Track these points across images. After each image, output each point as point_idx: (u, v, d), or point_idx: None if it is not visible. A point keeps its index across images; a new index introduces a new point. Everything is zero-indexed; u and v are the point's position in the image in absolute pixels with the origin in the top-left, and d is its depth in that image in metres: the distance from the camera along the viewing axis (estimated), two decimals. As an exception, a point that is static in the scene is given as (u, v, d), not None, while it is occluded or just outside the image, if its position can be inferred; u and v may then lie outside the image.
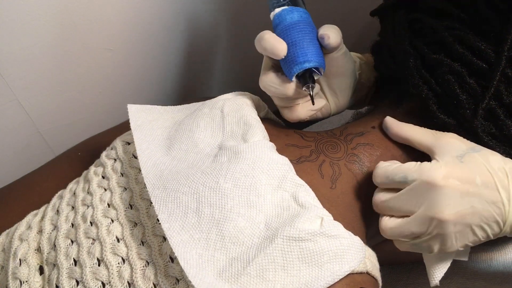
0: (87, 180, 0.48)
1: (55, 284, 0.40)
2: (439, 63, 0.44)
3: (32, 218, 0.47)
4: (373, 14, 0.54)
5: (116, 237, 0.41)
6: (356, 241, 0.39)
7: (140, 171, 0.44)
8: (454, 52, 0.43)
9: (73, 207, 0.46)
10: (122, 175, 0.46)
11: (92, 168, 0.49)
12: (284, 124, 0.52)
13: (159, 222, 0.39)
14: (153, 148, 0.45)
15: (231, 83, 0.83)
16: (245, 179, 0.40)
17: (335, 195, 0.43)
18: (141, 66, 0.70)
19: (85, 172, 0.50)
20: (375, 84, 0.56)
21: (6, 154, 0.67)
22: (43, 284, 0.41)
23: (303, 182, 0.41)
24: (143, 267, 0.39)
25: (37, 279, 0.42)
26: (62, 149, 0.61)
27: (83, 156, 0.56)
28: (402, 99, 0.49)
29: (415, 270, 0.46)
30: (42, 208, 0.48)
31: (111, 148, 0.50)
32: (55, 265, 0.41)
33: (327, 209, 0.40)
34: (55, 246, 0.42)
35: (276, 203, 0.40)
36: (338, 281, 0.37)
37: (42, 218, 0.46)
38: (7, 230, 0.48)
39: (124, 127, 0.52)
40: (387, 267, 0.46)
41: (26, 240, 0.44)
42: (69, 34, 0.59)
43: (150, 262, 0.39)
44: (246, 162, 0.41)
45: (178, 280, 0.38)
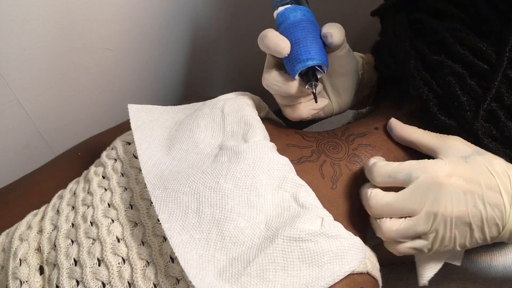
0: (88, 180, 0.48)
1: (55, 284, 0.40)
2: (440, 64, 0.43)
3: (32, 218, 0.47)
4: (373, 14, 0.54)
5: (117, 237, 0.41)
6: (357, 241, 0.39)
7: (141, 171, 0.44)
8: (455, 53, 0.43)
9: (73, 207, 0.46)
10: (123, 175, 0.46)
11: (92, 168, 0.49)
12: (284, 124, 0.52)
13: (159, 222, 0.39)
14: (153, 148, 0.45)
15: (232, 83, 0.83)
16: (245, 179, 0.40)
17: (335, 195, 0.43)
18: (141, 66, 0.70)
19: (85, 172, 0.50)
20: (377, 84, 0.56)
21: (6, 154, 0.66)
22: (43, 284, 0.41)
23: (303, 183, 0.41)
24: (144, 267, 0.39)
25: (37, 279, 0.41)
26: (62, 149, 0.61)
27: (83, 156, 0.56)
28: (403, 99, 0.49)
29: (415, 270, 0.46)
30: (42, 208, 0.48)
31: (112, 148, 0.50)
32: (55, 265, 0.41)
33: (327, 209, 0.40)
34: (55, 246, 0.42)
35: (276, 203, 0.40)
36: (339, 281, 0.37)
37: (42, 218, 0.46)
38: (7, 230, 0.48)
39: (124, 127, 0.52)
40: (387, 267, 0.46)
41: (26, 240, 0.44)
42: (69, 34, 0.59)
43: (151, 262, 0.39)
44: (246, 162, 0.41)
45: (178, 280, 0.38)
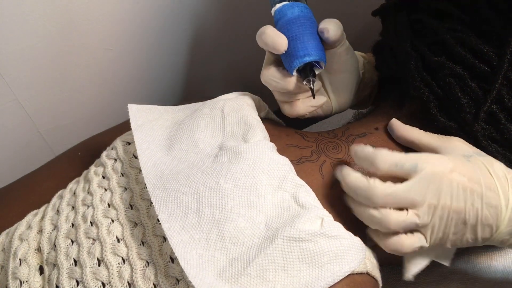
0: (87, 180, 0.48)
1: (55, 284, 0.40)
2: (440, 65, 0.43)
3: (32, 218, 0.47)
4: (374, 14, 0.54)
5: (116, 237, 0.41)
6: (357, 241, 0.39)
7: (141, 171, 0.44)
8: (456, 55, 0.43)
9: (73, 207, 0.46)
10: (123, 175, 0.46)
11: (92, 168, 0.49)
12: (284, 124, 0.52)
13: (159, 222, 0.39)
14: (153, 148, 0.45)
15: (231, 83, 0.83)
16: (245, 179, 0.40)
17: (335, 195, 0.43)
18: (141, 66, 0.70)
19: (85, 172, 0.50)
20: (378, 84, 0.56)
21: (6, 154, 0.66)
22: (43, 284, 0.41)
23: (303, 183, 0.41)
24: (143, 267, 0.39)
25: (37, 279, 0.41)
26: (62, 149, 0.61)
27: (83, 156, 0.56)
28: (403, 100, 0.49)
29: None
30: (42, 208, 0.48)
31: (112, 148, 0.50)
32: (55, 265, 0.41)
33: (327, 209, 0.40)
34: (55, 246, 0.42)
35: (276, 203, 0.40)
36: (338, 281, 0.37)
37: (42, 218, 0.46)
38: (7, 230, 0.48)
39: (124, 127, 0.52)
40: (387, 267, 0.46)
41: (26, 240, 0.44)
42: (69, 34, 0.59)
43: (150, 262, 0.39)
44: (246, 163, 0.41)
45: (178, 281, 0.38)
